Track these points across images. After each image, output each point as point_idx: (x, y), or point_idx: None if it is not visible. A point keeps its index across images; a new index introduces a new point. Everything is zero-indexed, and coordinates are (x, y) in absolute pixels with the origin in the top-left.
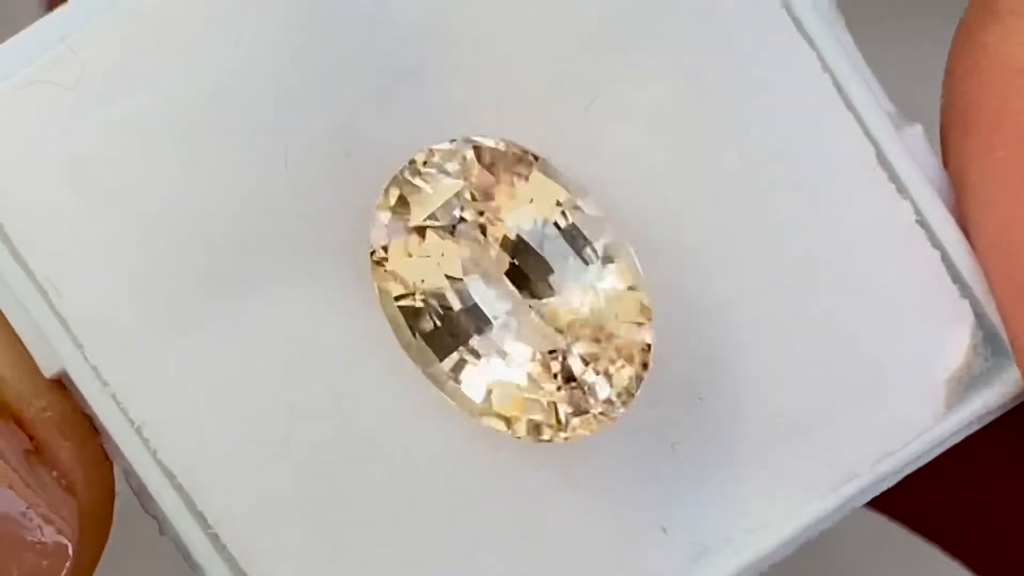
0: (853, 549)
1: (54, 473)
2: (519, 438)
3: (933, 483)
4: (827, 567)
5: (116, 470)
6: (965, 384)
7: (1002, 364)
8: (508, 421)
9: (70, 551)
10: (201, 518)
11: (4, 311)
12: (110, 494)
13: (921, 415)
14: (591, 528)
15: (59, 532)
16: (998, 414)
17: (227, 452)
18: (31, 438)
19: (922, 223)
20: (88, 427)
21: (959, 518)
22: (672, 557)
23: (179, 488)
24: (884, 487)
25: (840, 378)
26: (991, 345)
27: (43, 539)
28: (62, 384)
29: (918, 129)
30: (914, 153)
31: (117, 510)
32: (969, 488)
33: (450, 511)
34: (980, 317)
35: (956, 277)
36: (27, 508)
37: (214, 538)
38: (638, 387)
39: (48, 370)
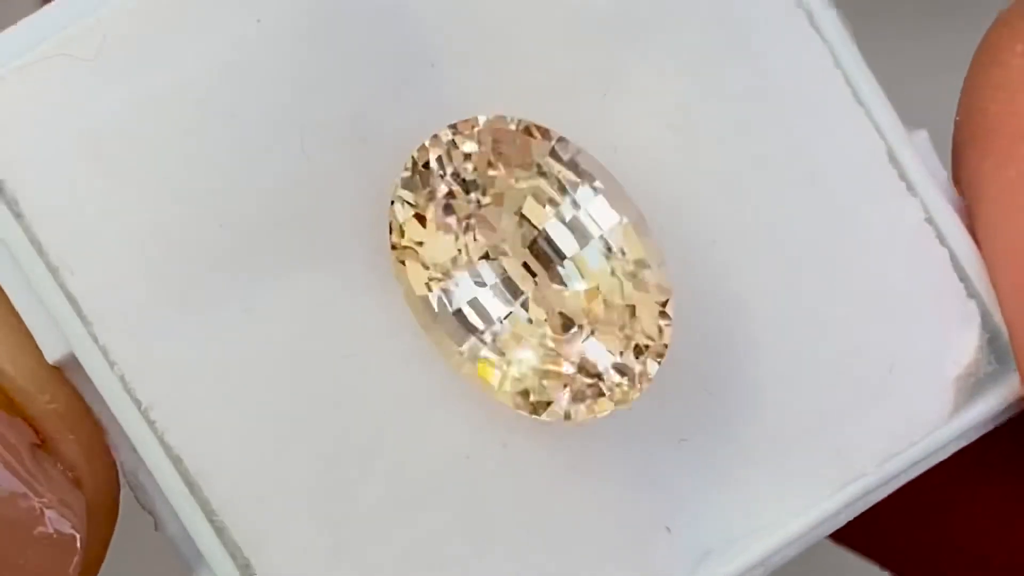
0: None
1: (60, 466)
2: (532, 417)
3: (900, 518)
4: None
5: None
6: (972, 384)
7: (1006, 369)
8: (521, 402)
9: (79, 544)
10: (206, 504)
11: (9, 293)
12: (115, 486)
13: (929, 414)
14: (597, 525)
15: (68, 525)
16: (1003, 419)
17: (236, 437)
18: (36, 432)
19: (930, 222)
20: (92, 420)
21: (927, 552)
22: (676, 557)
23: (185, 473)
24: (891, 487)
25: (848, 376)
26: (995, 350)
27: (52, 532)
28: (64, 377)
29: (923, 135)
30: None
31: None
32: (938, 522)
33: (458, 505)
34: (985, 319)
35: (963, 276)
36: (35, 502)
37: (219, 526)
38: (654, 370)
39: (53, 354)
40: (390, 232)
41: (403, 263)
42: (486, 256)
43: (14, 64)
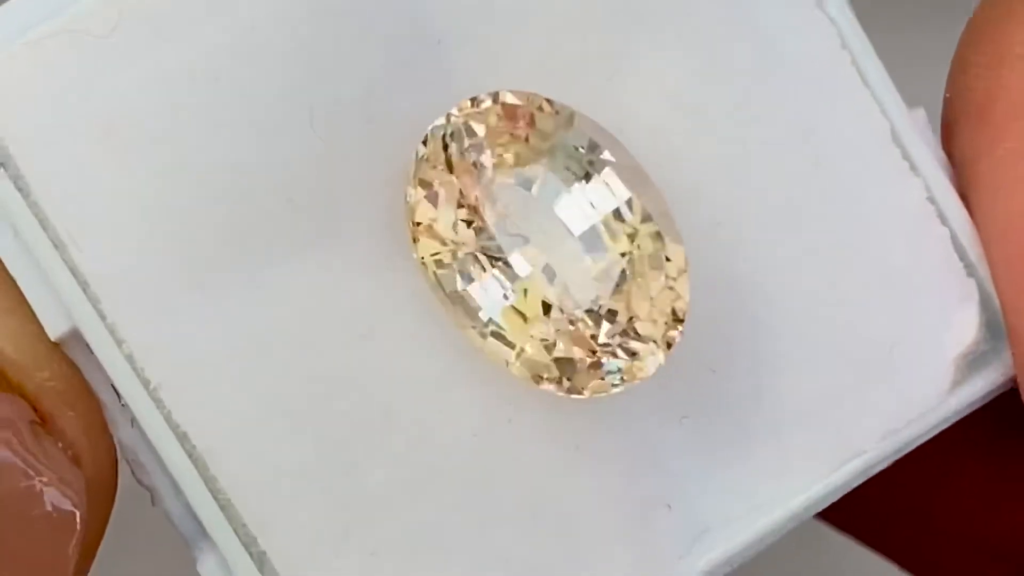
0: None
1: (60, 444)
2: (544, 389)
3: (885, 498)
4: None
5: None
6: (971, 362)
7: (1000, 347)
8: (534, 377)
9: (78, 522)
10: (213, 482)
11: (12, 269)
12: (114, 464)
13: (927, 393)
14: (597, 502)
15: (68, 503)
16: (995, 395)
17: (244, 416)
18: (35, 409)
19: (932, 201)
20: (92, 397)
21: (912, 533)
22: (676, 534)
23: (192, 451)
24: (886, 464)
25: (849, 354)
26: (990, 327)
27: (51, 510)
28: (63, 354)
29: (921, 113)
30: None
31: None
32: (923, 503)
33: (464, 485)
34: (985, 298)
35: (963, 256)
36: (35, 480)
37: (225, 504)
38: (671, 345)
39: (55, 330)
40: (406, 204)
41: (419, 238)
42: (502, 231)
43: (24, 38)
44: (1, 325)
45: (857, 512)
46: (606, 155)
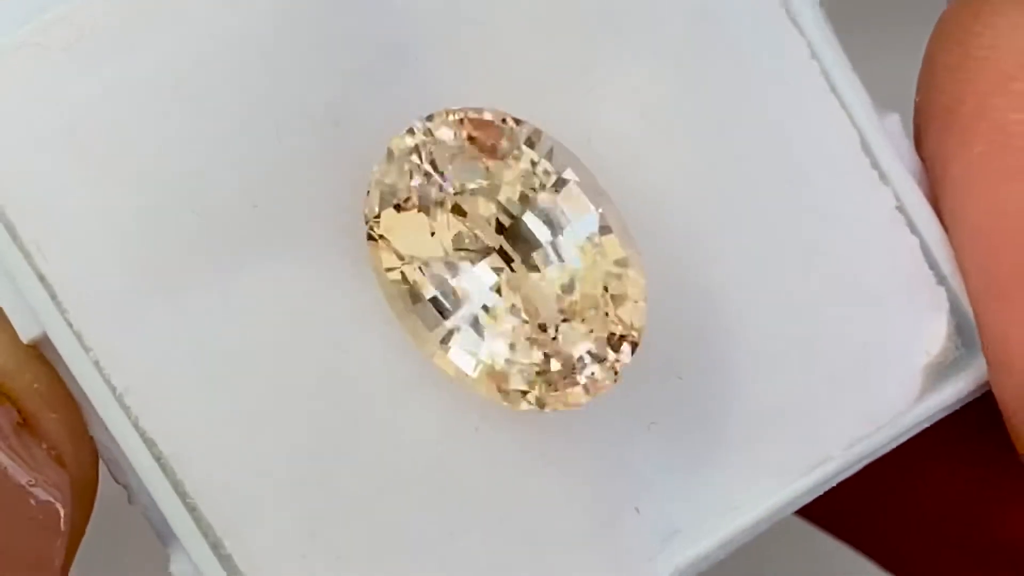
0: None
1: (44, 445)
2: (506, 406)
3: (861, 495)
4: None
5: None
6: (941, 371)
7: (973, 353)
8: (496, 391)
9: (63, 520)
10: (180, 487)
11: None
12: (95, 464)
13: (896, 400)
14: (566, 507)
15: (54, 503)
16: (967, 401)
17: (211, 423)
18: (19, 411)
19: (901, 210)
20: (72, 399)
21: (887, 528)
22: (644, 537)
23: (159, 456)
24: (856, 469)
25: (818, 362)
26: (963, 334)
27: (38, 511)
28: (44, 357)
29: (895, 118)
30: (892, 142)
31: None
32: (899, 500)
33: (431, 489)
34: (954, 305)
35: (933, 264)
36: (22, 480)
37: (192, 508)
38: (627, 360)
39: (27, 334)
40: (365, 220)
41: (378, 251)
42: (461, 245)
43: None
44: None
45: (836, 509)
46: (569, 174)
